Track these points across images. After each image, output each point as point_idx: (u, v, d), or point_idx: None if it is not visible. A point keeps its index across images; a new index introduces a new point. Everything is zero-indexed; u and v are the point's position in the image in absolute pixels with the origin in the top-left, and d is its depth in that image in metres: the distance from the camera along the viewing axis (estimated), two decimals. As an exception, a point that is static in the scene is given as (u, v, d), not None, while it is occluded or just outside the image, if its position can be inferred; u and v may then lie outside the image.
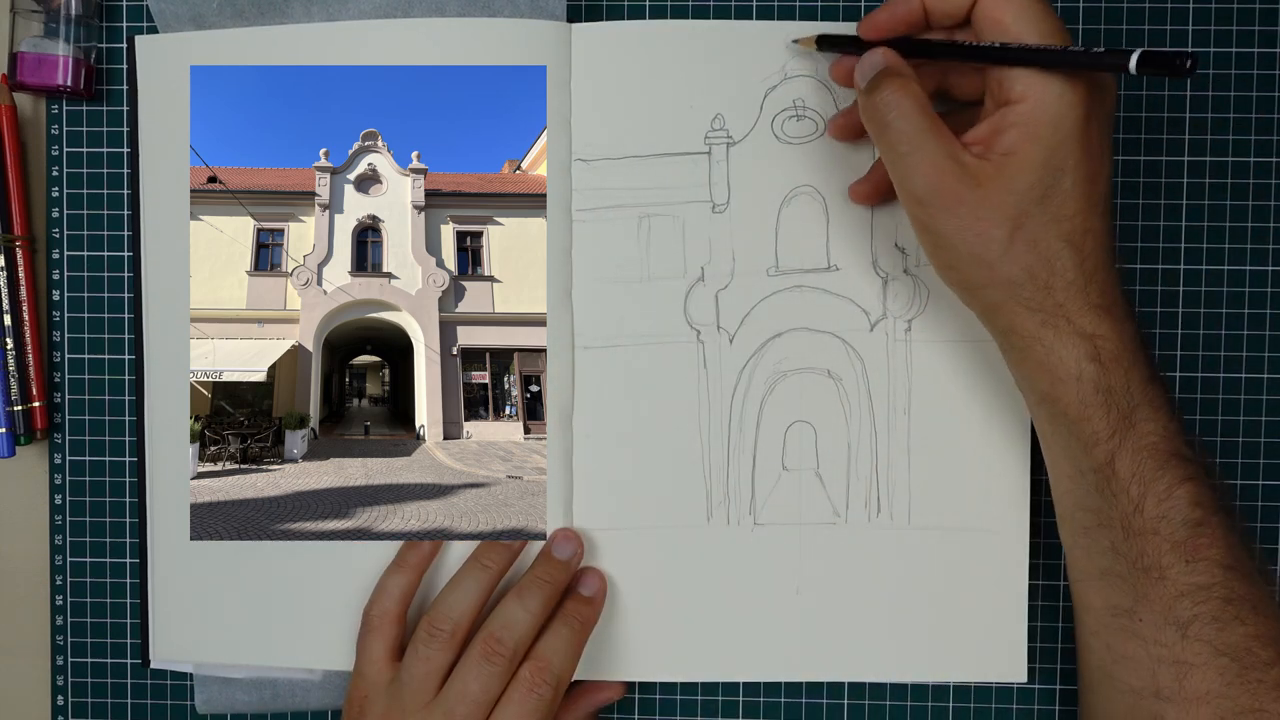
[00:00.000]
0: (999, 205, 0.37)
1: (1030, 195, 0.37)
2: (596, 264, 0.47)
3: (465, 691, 0.42)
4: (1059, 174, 0.37)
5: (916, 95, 0.38)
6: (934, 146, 0.37)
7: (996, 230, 0.37)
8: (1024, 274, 0.37)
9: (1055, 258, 0.37)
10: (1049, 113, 0.36)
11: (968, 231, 0.37)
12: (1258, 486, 0.49)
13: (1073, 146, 0.36)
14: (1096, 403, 0.37)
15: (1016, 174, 0.37)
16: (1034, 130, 0.36)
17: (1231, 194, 0.49)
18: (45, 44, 0.48)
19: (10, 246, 0.49)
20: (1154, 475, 0.37)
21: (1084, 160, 0.37)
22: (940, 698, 0.50)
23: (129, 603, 0.51)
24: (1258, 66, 0.48)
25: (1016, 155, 0.37)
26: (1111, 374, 0.37)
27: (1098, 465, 0.38)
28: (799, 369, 0.47)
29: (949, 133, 0.38)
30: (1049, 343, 0.38)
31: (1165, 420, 0.37)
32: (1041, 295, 0.37)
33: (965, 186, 0.37)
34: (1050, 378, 0.38)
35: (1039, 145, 0.36)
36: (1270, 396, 0.49)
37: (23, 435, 0.49)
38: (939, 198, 0.37)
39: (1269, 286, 0.49)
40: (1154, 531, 0.37)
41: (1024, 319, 0.38)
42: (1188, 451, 0.38)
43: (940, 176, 0.37)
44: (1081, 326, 0.37)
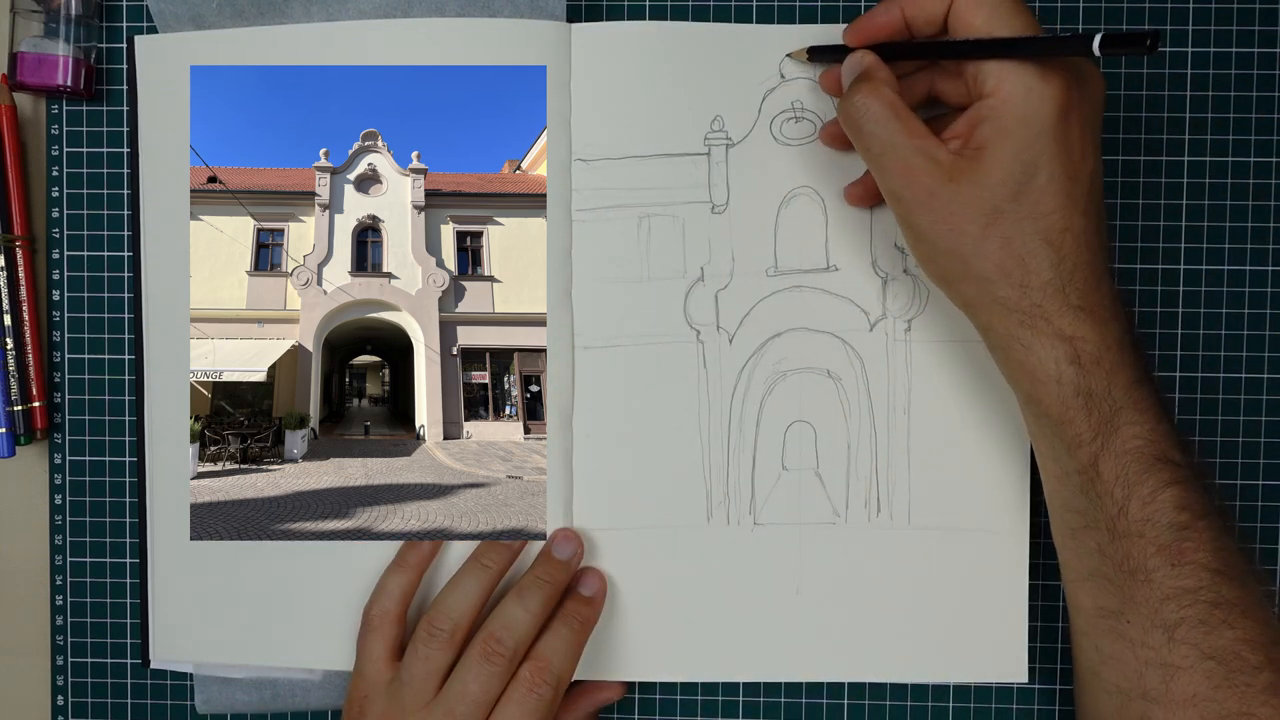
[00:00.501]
0: (971, 200, 0.37)
1: (1002, 190, 0.36)
2: (596, 264, 0.47)
3: (465, 691, 0.42)
4: (1033, 169, 0.36)
5: (886, 97, 0.39)
6: (904, 144, 0.38)
7: (969, 225, 0.37)
8: (997, 270, 0.37)
9: (1030, 256, 0.37)
10: (1018, 106, 0.36)
11: (940, 225, 0.38)
12: (1258, 486, 0.49)
13: (1047, 142, 0.36)
14: (1077, 405, 0.37)
15: (988, 168, 0.37)
16: (1003, 124, 0.37)
17: (1231, 194, 0.49)
18: (45, 44, 0.48)
19: (10, 246, 0.49)
20: (1138, 479, 0.37)
21: (1061, 155, 0.36)
22: (940, 698, 0.50)
23: (129, 603, 0.51)
24: (1258, 66, 0.48)
25: (987, 149, 0.37)
26: (1092, 377, 0.37)
27: (1081, 467, 0.38)
28: (799, 369, 0.47)
29: (923, 130, 0.38)
30: (1028, 342, 0.37)
31: (1152, 423, 0.37)
32: (1017, 294, 0.37)
33: (937, 181, 0.37)
34: (1030, 378, 0.38)
35: (1010, 139, 0.36)
36: (1270, 396, 0.49)
37: (23, 435, 0.49)
38: (911, 192, 0.38)
39: (1269, 286, 0.49)
40: (1139, 535, 0.37)
41: (1001, 317, 0.38)
42: (1175, 454, 0.37)
43: (911, 174, 0.38)
44: (1060, 328, 0.37)
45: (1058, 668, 0.50)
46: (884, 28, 0.41)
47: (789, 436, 0.47)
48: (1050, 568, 0.49)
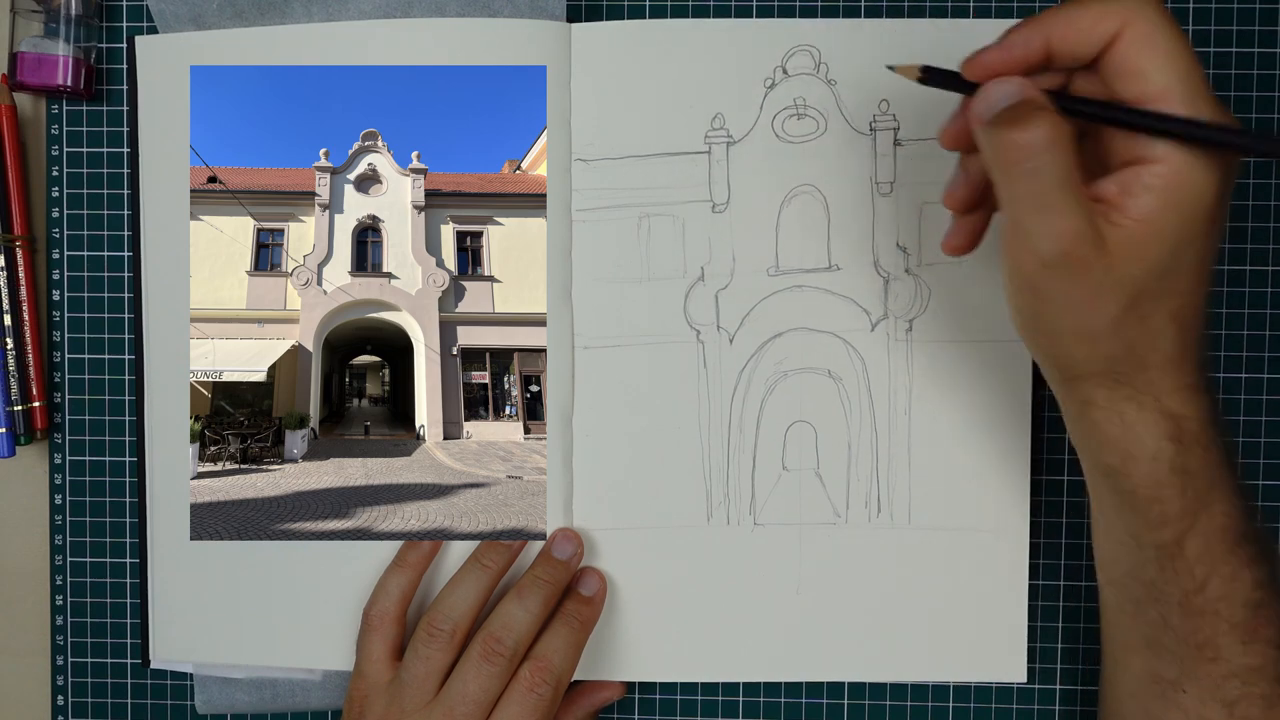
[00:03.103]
0: (1123, 279, 0.32)
1: (1156, 269, 0.32)
2: (596, 264, 0.47)
3: (465, 691, 0.42)
4: (1186, 249, 0.32)
5: (1067, 144, 0.32)
6: (1075, 207, 0.32)
7: (1112, 305, 0.33)
8: (1125, 350, 0.34)
9: (1159, 335, 0.34)
10: (1192, 181, 0.32)
11: (1082, 303, 0.33)
12: (1258, 486, 0.49)
13: (1204, 222, 0.32)
14: (1171, 483, 0.35)
15: (1148, 244, 0.32)
16: (1174, 198, 0.32)
17: (1231, 194, 0.49)
18: (45, 44, 0.48)
19: (10, 246, 0.49)
20: (1223, 558, 0.35)
21: (1213, 235, 0.33)
22: (940, 698, 0.50)
23: (129, 603, 0.51)
24: (1258, 66, 0.48)
25: (1150, 224, 0.32)
26: (1190, 455, 0.35)
27: (1162, 543, 0.36)
28: (799, 369, 0.47)
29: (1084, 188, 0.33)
30: (1130, 419, 0.35)
31: (1236, 499, 0.36)
32: (1134, 371, 0.34)
33: (1094, 252, 0.32)
34: (1122, 454, 0.35)
35: (1177, 215, 0.32)
36: (1270, 396, 0.49)
37: (23, 435, 0.49)
38: (1067, 263, 0.32)
39: (1269, 286, 0.49)
40: (1214, 612, 0.36)
41: (1105, 393, 0.35)
42: (1256, 530, 0.36)
43: (1075, 242, 0.32)
44: (1169, 406, 0.34)
45: (1057, 668, 0.50)
46: (1020, 60, 0.34)
47: (789, 436, 0.47)
48: (1050, 568, 0.49)
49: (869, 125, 0.47)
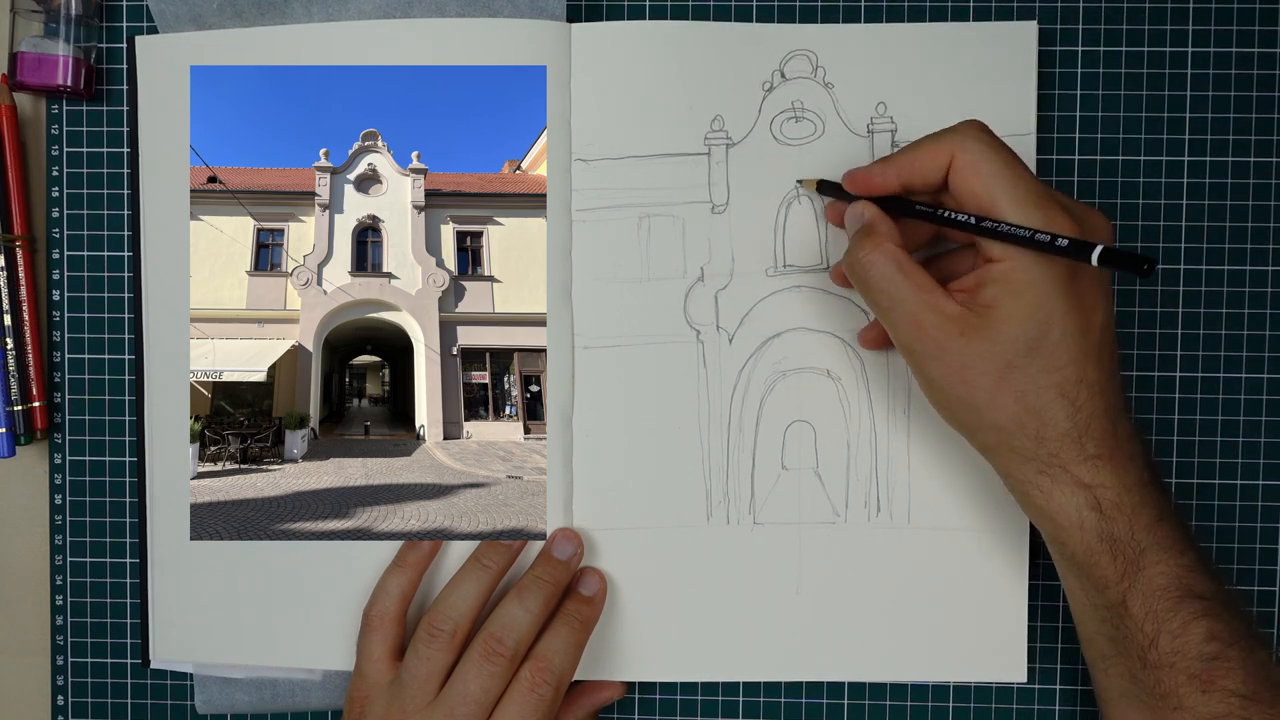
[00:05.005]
0: (982, 354, 0.37)
1: (1015, 346, 0.37)
2: (596, 264, 0.47)
3: (465, 692, 0.42)
4: (1045, 327, 0.37)
5: (890, 253, 0.39)
6: (912, 299, 0.38)
7: (981, 379, 0.37)
8: (1012, 422, 0.37)
9: (1045, 408, 0.37)
10: (1027, 273, 0.37)
11: (953, 377, 0.38)
12: (1258, 486, 0.49)
13: (1057, 301, 0.37)
14: (1101, 549, 0.38)
15: (999, 326, 0.37)
16: (1013, 287, 0.37)
17: (1231, 194, 0.49)
18: (45, 44, 0.48)
19: (10, 246, 0.49)
20: (1167, 615, 0.37)
21: (1074, 312, 0.37)
22: (940, 698, 0.50)
23: (129, 603, 0.51)
24: (1258, 66, 0.48)
25: (998, 309, 0.37)
26: (1114, 522, 0.37)
27: (1110, 603, 0.38)
28: (798, 369, 0.47)
29: (930, 284, 0.38)
30: (1047, 490, 0.38)
31: (1177, 558, 0.37)
32: (1033, 444, 0.38)
33: (948, 335, 0.38)
34: (1052, 524, 0.38)
35: (1019, 300, 0.37)
36: (1270, 396, 0.49)
37: (23, 435, 0.49)
38: (922, 345, 0.38)
39: (1269, 286, 0.49)
40: (1170, 665, 0.37)
41: (1019, 465, 0.38)
42: (1202, 587, 0.37)
43: (921, 328, 0.38)
44: (1079, 476, 0.37)
45: (1057, 668, 0.50)
46: (880, 188, 0.41)
47: (789, 436, 0.47)
48: (1049, 568, 0.49)
49: (866, 128, 0.47)
